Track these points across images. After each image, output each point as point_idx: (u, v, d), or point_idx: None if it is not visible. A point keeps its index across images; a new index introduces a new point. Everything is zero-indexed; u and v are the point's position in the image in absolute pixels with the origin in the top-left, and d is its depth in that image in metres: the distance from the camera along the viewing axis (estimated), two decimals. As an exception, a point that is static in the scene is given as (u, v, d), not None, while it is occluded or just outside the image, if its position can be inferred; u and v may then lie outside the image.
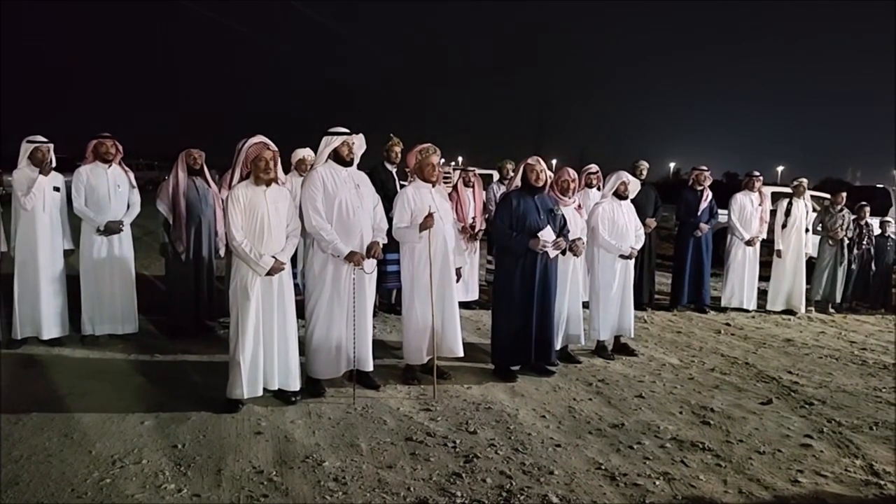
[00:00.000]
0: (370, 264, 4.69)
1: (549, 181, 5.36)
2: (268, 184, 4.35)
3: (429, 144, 5.09)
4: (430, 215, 4.80)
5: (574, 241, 5.43)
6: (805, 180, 8.57)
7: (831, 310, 8.55)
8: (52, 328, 5.53)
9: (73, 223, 5.71)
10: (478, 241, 7.52)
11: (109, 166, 5.71)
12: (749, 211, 8.15)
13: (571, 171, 5.68)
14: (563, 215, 5.31)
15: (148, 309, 6.31)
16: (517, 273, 5.10)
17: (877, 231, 9.01)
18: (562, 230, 5.22)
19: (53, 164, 5.58)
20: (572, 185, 5.62)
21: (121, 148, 5.81)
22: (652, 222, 7.76)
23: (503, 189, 7.33)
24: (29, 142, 5.46)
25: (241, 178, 4.39)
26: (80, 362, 5.24)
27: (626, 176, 5.98)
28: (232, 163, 4.66)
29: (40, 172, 5.38)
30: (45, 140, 5.50)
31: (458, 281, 5.27)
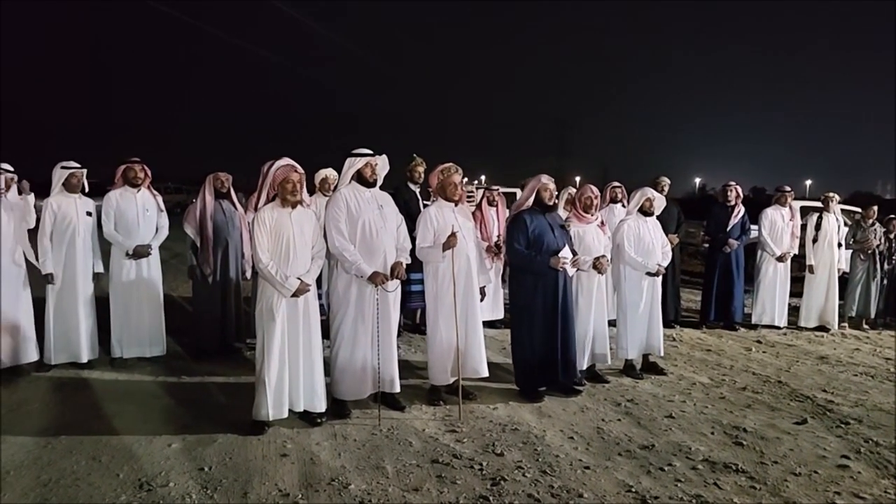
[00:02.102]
0: (393, 284, 4.69)
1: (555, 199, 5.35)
2: (294, 206, 4.38)
3: (450, 164, 5.10)
4: (453, 234, 4.80)
5: (598, 258, 5.39)
6: (835, 195, 8.43)
7: (865, 326, 8.35)
8: (85, 352, 5.60)
9: (103, 247, 5.81)
10: (501, 260, 7.48)
11: (138, 191, 5.81)
12: (780, 226, 8.03)
13: (594, 189, 5.65)
14: (569, 232, 5.29)
15: (175, 331, 6.37)
16: (539, 293, 5.06)
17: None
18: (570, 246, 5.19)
19: (87, 190, 5.70)
20: (595, 202, 5.59)
21: (149, 172, 5.91)
22: (674, 238, 7.67)
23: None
24: (64, 168, 5.56)
25: (268, 200, 4.43)
26: (108, 385, 5.29)
27: (650, 192, 5.93)
28: (258, 185, 4.71)
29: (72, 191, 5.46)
30: (78, 166, 5.61)
31: (482, 300, 5.24)
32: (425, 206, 5.93)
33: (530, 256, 5.03)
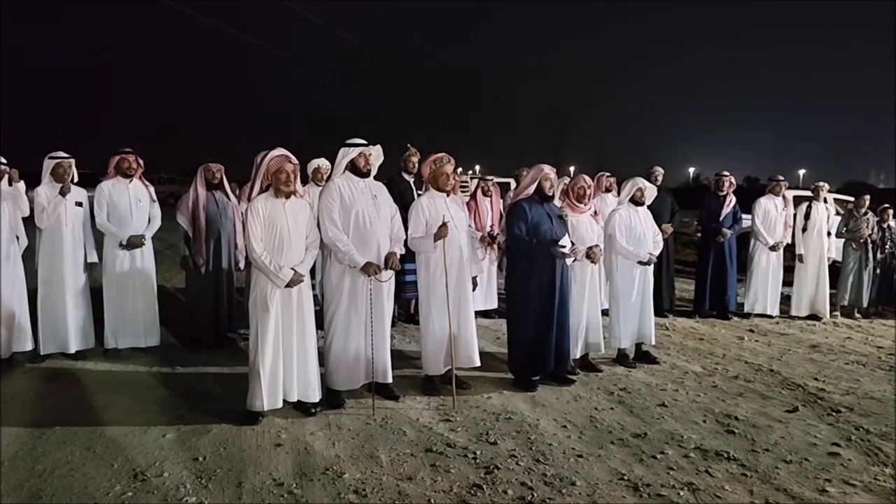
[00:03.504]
0: (387, 275, 4.69)
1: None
2: (288, 196, 4.37)
3: (442, 154, 5.10)
4: (443, 225, 4.79)
5: (591, 248, 5.40)
6: (825, 184, 8.46)
7: (857, 314, 8.40)
8: (76, 342, 5.59)
9: (96, 237, 5.79)
10: (495, 250, 7.49)
11: (130, 181, 5.78)
12: (773, 216, 8.06)
13: (587, 178, 5.67)
14: (566, 223, 5.30)
15: (169, 321, 6.37)
16: (535, 282, 5.07)
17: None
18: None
19: (76, 179, 5.66)
20: (588, 192, 5.60)
21: (142, 163, 5.89)
22: (668, 228, 7.70)
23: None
24: (51, 158, 5.55)
25: (261, 191, 4.42)
26: (102, 375, 5.29)
27: (642, 182, 5.94)
28: (251, 175, 4.70)
29: (59, 192, 5.45)
30: (66, 155, 5.58)
31: (474, 290, 5.25)
32: (419, 195, 5.94)
33: (530, 242, 5.03)
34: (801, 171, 50.05)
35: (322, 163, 6.64)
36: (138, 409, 4.55)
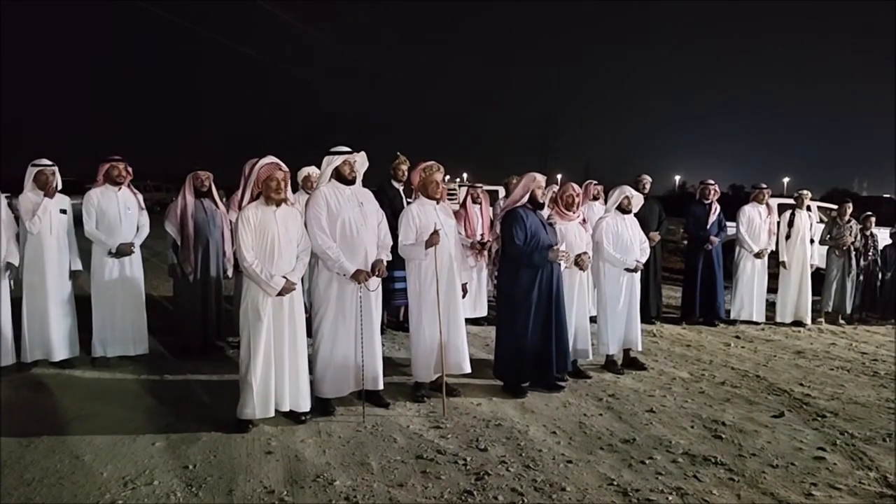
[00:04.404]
0: (374, 283, 4.70)
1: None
2: (278, 204, 4.37)
3: (432, 162, 5.13)
4: (435, 232, 4.82)
5: (580, 255, 5.45)
6: (807, 192, 8.58)
7: (841, 321, 8.51)
8: (61, 350, 5.56)
9: (83, 245, 5.76)
10: (485, 257, 7.52)
11: (119, 189, 5.76)
12: (757, 223, 8.15)
13: (576, 186, 5.72)
14: (555, 230, 5.38)
15: (157, 330, 6.34)
16: (535, 289, 5.09)
17: (886, 241, 8.98)
18: None
19: (59, 187, 5.64)
20: (577, 200, 5.65)
21: (130, 171, 5.87)
22: (655, 236, 7.77)
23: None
24: (34, 165, 5.53)
25: (252, 199, 4.42)
26: (90, 384, 5.26)
27: (629, 190, 6.00)
28: (240, 183, 4.70)
29: (45, 195, 5.44)
30: (49, 163, 5.57)
31: (464, 297, 5.28)
32: (409, 203, 5.96)
33: (530, 250, 5.06)
34: (785, 179, 50.72)
35: (312, 171, 6.66)
36: (127, 417, 4.52)
